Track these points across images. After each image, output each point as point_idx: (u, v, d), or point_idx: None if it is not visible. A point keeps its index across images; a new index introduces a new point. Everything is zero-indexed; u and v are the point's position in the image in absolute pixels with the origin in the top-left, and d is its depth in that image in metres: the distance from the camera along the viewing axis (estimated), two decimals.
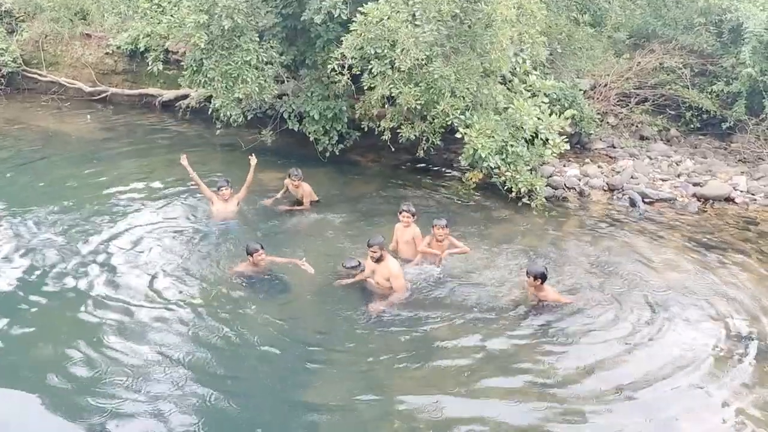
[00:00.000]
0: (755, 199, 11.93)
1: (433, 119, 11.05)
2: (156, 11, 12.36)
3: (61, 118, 15.23)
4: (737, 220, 11.19)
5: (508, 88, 11.65)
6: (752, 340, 7.71)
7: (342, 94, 11.90)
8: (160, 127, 14.89)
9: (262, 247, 8.30)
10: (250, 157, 10.35)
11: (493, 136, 10.69)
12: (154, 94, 16.05)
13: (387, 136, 11.33)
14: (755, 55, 13.42)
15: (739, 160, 13.83)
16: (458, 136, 10.87)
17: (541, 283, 7.81)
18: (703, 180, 12.41)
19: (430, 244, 8.74)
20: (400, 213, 8.89)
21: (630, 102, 15.17)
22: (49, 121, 14.97)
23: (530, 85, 11.55)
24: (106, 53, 16.47)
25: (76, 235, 9.43)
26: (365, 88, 11.02)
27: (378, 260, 8.03)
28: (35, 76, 16.61)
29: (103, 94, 16.26)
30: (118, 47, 16.14)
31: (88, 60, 16.53)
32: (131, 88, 16.46)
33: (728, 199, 11.90)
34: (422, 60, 10.13)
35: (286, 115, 12.45)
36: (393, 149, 11.75)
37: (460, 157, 11.24)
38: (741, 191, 12.10)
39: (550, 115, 11.06)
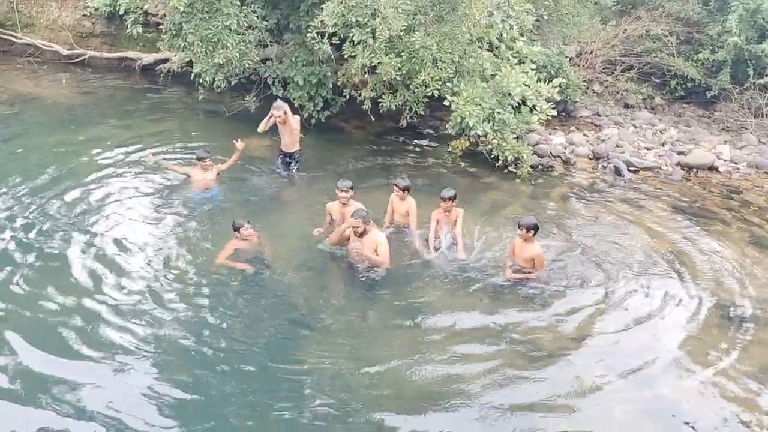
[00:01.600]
0: (738, 168, 12.01)
1: (416, 89, 10.92)
2: None
3: (37, 82, 14.83)
4: (721, 189, 11.27)
5: (495, 55, 11.53)
6: (734, 307, 7.82)
7: (327, 59, 11.69)
8: (140, 92, 14.56)
9: (248, 223, 8.15)
10: (236, 141, 10.02)
11: (480, 104, 10.60)
12: (134, 58, 15.68)
13: (367, 105, 11.19)
14: (741, 24, 13.40)
15: (722, 129, 13.89)
16: (446, 103, 10.76)
17: (533, 235, 7.88)
18: (687, 149, 12.45)
19: (439, 220, 8.63)
20: (395, 186, 8.71)
21: (615, 69, 15.13)
22: (25, 85, 14.58)
23: (517, 52, 11.44)
24: (84, 15, 15.99)
25: (51, 203, 9.20)
26: (346, 56, 10.84)
27: (362, 234, 7.82)
28: (10, 38, 16.12)
29: (81, 57, 15.83)
30: (96, 9, 15.65)
31: (65, 22, 16.07)
32: (110, 51, 16.04)
33: (712, 168, 11.97)
34: (402, 30, 9.95)
35: (270, 81, 12.21)
36: (373, 118, 11.61)
37: (447, 125, 11.15)
38: (724, 160, 12.17)
39: (537, 82, 10.98)
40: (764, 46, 13.17)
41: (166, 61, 14.39)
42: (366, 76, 10.98)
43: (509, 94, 10.81)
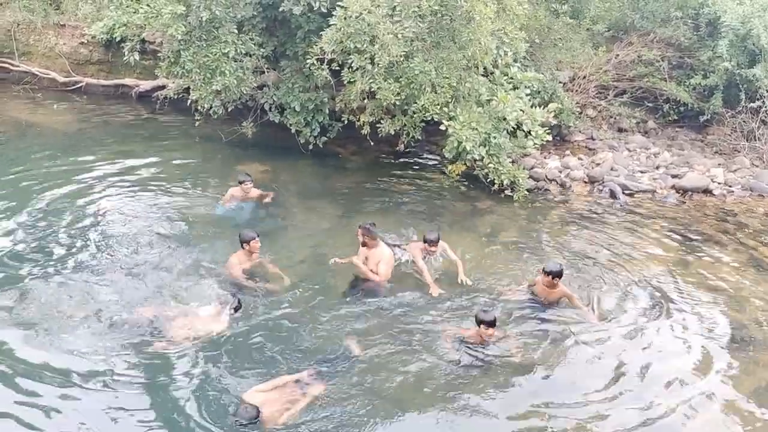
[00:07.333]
0: (732, 191, 12.10)
1: (414, 114, 11.01)
2: (132, 0, 12.14)
3: (34, 109, 14.88)
4: (716, 211, 11.35)
5: (490, 81, 11.64)
6: (733, 330, 7.84)
7: (324, 85, 11.78)
8: (137, 119, 14.62)
9: (258, 235, 8.09)
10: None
11: (476, 129, 10.69)
12: (131, 85, 15.73)
13: (366, 130, 11.26)
14: (732, 49, 13.56)
15: (715, 152, 13.99)
16: (442, 128, 10.85)
17: (558, 281, 7.83)
18: (681, 172, 12.54)
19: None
20: (427, 242, 8.47)
21: (608, 94, 15.25)
22: (21, 112, 14.62)
23: (511, 78, 11.56)
24: (81, 43, 16.09)
25: (47, 229, 9.23)
26: (344, 82, 10.93)
27: (365, 244, 8.10)
28: (7, 65, 16.20)
29: (78, 85, 15.90)
30: (93, 37, 15.79)
31: (62, 50, 16.16)
32: (107, 78, 16.11)
33: (706, 191, 12.06)
34: (401, 56, 10.06)
35: (267, 107, 12.28)
36: (372, 143, 11.68)
37: (443, 150, 11.22)
38: (718, 183, 12.26)
39: (532, 107, 11.09)
40: (755, 70, 13.32)
41: (162, 87, 14.44)
42: (365, 101, 11.07)
43: (504, 119, 10.91)
